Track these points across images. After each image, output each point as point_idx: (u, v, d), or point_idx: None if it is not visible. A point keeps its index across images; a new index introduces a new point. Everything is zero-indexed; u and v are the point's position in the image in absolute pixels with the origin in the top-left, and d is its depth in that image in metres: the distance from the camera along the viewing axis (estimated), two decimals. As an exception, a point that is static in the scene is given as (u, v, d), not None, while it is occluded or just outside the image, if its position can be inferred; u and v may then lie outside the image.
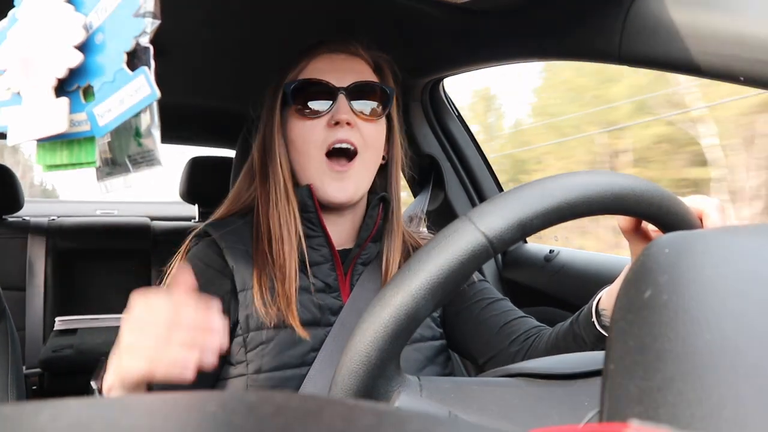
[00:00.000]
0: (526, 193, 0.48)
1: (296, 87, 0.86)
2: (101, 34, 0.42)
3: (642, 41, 0.76)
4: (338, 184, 0.85)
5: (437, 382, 0.52)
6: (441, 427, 0.18)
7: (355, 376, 0.46)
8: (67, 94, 0.42)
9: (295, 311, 0.79)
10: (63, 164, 0.44)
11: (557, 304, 1.32)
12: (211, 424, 0.18)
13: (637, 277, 0.30)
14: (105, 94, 0.41)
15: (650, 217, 0.52)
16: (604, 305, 0.72)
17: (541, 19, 0.93)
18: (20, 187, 2.37)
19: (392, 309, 0.45)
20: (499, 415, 0.48)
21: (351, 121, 0.84)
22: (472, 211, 0.48)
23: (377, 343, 0.45)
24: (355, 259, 0.89)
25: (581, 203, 0.47)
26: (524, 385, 0.51)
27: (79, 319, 2.39)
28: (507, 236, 0.46)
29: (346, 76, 0.86)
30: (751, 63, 0.64)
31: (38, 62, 0.42)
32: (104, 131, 0.42)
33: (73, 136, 0.43)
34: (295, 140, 0.86)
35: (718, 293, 0.26)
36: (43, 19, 0.42)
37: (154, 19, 0.41)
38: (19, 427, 0.18)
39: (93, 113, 0.42)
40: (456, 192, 1.55)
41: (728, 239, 0.31)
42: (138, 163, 0.47)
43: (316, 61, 0.88)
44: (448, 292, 0.46)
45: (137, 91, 0.41)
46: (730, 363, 0.22)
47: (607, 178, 0.49)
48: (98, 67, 0.42)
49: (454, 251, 0.45)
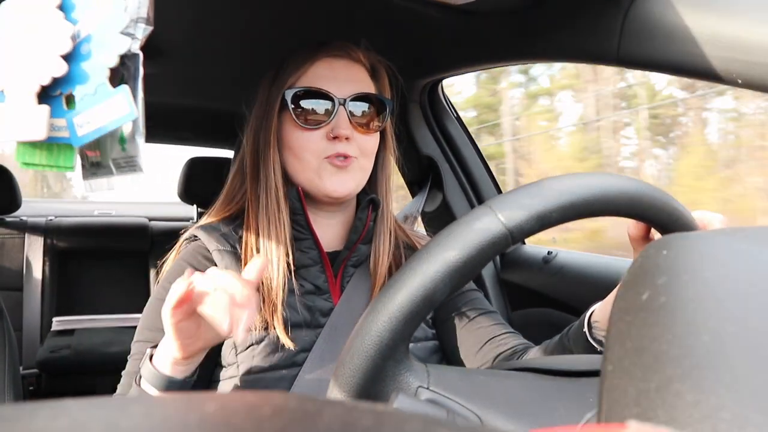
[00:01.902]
0: (546, 187, 0.49)
1: (296, 95, 0.85)
2: (87, 45, 0.42)
3: (640, 43, 0.76)
4: (339, 177, 0.84)
5: (444, 370, 0.52)
6: (441, 429, 0.18)
7: (365, 357, 0.46)
8: (50, 98, 0.43)
9: (281, 320, 0.78)
10: (41, 164, 0.44)
11: (556, 305, 1.32)
12: (209, 425, 0.18)
13: (635, 278, 0.30)
14: (85, 105, 0.42)
15: (659, 225, 0.53)
16: (597, 317, 0.72)
17: (539, 21, 0.93)
18: (18, 187, 2.37)
19: (409, 291, 0.45)
20: (505, 406, 0.48)
21: (350, 136, 0.84)
22: (492, 200, 0.49)
23: (391, 323, 0.45)
24: (345, 261, 0.89)
25: (598, 202, 0.49)
26: (531, 378, 0.52)
27: (76, 320, 2.39)
28: (526, 227, 0.47)
29: (346, 85, 0.85)
30: (749, 65, 0.64)
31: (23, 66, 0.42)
32: (82, 141, 0.43)
33: (52, 141, 0.43)
34: (292, 147, 0.86)
35: (716, 295, 0.26)
36: (32, 21, 0.42)
37: (147, 25, 0.42)
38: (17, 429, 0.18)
39: (73, 122, 0.42)
40: (454, 193, 1.55)
41: (726, 241, 0.31)
42: (121, 167, 0.48)
43: (316, 66, 0.86)
44: (465, 277, 0.46)
45: (116, 108, 0.42)
46: (729, 364, 0.23)
47: (624, 182, 0.51)
48: (81, 76, 0.42)
49: (474, 237, 0.46)
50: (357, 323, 0.49)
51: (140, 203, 3.39)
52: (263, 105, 0.89)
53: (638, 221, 0.60)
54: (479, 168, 1.56)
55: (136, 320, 0.84)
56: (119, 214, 3.06)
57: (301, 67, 0.87)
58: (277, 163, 0.86)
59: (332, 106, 0.84)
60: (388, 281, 0.48)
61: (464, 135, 1.56)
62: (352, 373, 0.47)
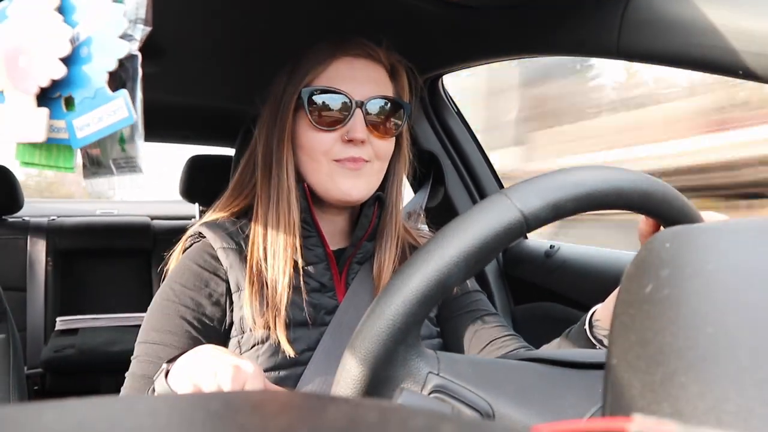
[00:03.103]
0: (562, 177, 0.49)
1: (313, 94, 0.82)
2: (87, 48, 0.42)
3: (641, 35, 0.75)
4: (352, 181, 0.83)
5: (454, 357, 0.52)
6: (445, 424, 0.18)
7: (377, 341, 0.46)
8: (49, 100, 0.43)
9: (283, 323, 0.78)
10: (41, 164, 0.44)
11: (558, 299, 1.32)
12: (215, 423, 0.18)
13: (638, 271, 0.30)
14: (85, 108, 0.42)
15: (669, 221, 0.54)
16: (599, 316, 0.72)
17: (538, 15, 0.93)
18: (20, 188, 2.37)
19: (423, 274, 0.45)
20: (514, 392, 0.48)
21: (365, 139, 0.82)
22: (507, 188, 0.49)
23: (405, 307, 0.45)
24: (350, 258, 0.88)
25: (612, 194, 0.49)
26: (540, 368, 0.52)
27: (80, 319, 2.40)
28: (542, 215, 0.47)
29: (364, 87, 0.83)
30: (750, 56, 0.64)
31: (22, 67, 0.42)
32: (81, 143, 0.43)
33: (51, 142, 0.43)
34: (305, 146, 0.84)
35: (720, 287, 0.26)
36: (31, 24, 0.42)
37: (145, 26, 0.42)
38: (23, 428, 0.18)
39: (72, 124, 0.43)
40: (456, 188, 1.55)
41: (729, 233, 0.31)
42: (121, 167, 0.48)
43: (336, 64, 0.84)
44: (479, 263, 0.46)
45: (115, 112, 0.42)
46: (733, 356, 0.22)
47: (638, 177, 0.51)
48: (81, 79, 0.42)
49: (489, 223, 0.46)
50: (368, 308, 0.48)
51: (142, 202, 3.39)
52: (278, 101, 0.86)
53: (649, 217, 0.60)
54: (481, 163, 1.56)
55: (140, 319, 0.84)
56: (121, 213, 3.06)
57: (319, 65, 0.84)
58: (290, 162, 0.84)
59: (349, 107, 0.82)
60: (403, 265, 0.47)
61: (465, 130, 1.55)
62: (362, 357, 0.46)
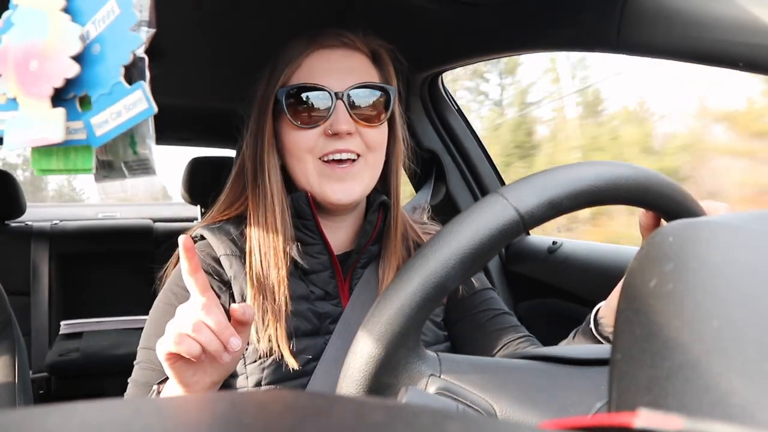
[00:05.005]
0: (558, 174, 0.49)
1: (290, 93, 0.79)
2: (98, 45, 0.42)
3: (640, 29, 0.75)
4: (341, 185, 0.79)
5: (455, 359, 0.52)
6: (452, 422, 0.18)
7: (377, 344, 0.46)
8: (63, 101, 0.42)
9: (284, 336, 0.76)
10: (58, 169, 0.44)
11: (561, 295, 1.32)
12: (221, 424, 0.18)
13: (642, 266, 0.30)
14: (102, 105, 0.42)
15: (669, 214, 0.53)
16: (603, 313, 0.72)
17: (538, 10, 0.93)
18: (22, 193, 2.37)
19: (421, 277, 0.45)
20: (517, 393, 0.48)
21: (351, 131, 0.78)
22: (503, 187, 0.49)
23: (404, 310, 0.45)
24: (354, 263, 0.86)
25: (609, 190, 0.49)
26: (541, 366, 0.52)
27: (84, 323, 2.40)
28: (538, 213, 0.47)
29: (344, 77, 0.79)
30: (750, 48, 0.64)
31: (34, 71, 0.42)
32: (101, 141, 0.42)
33: (69, 144, 0.43)
34: (290, 148, 0.81)
35: (724, 280, 0.26)
36: (39, 26, 0.42)
37: (149, 28, 0.42)
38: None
39: (90, 123, 0.42)
40: (458, 186, 1.55)
41: (732, 226, 0.31)
42: (133, 169, 0.48)
43: (310, 59, 0.81)
44: (477, 264, 0.46)
45: (134, 105, 0.41)
46: (738, 349, 0.22)
47: (635, 171, 0.50)
48: (95, 78, 0.42)
49: (486, 223, 0.46)
50: (368, 313, 0.48)
51: (143, 205, 3.40)
52: (259, 107, 0.84)
53: (648, 210, 0.60)
54: (482, 160, 1.56)
55: (143, 321, 0.83)
56: (123, 216, 3.07)
57: (293, 62, 0.81)
58: (274, 168, 0.82)
59: (329, 100, 0.78)
60: (401, 268, 0.47)
61: (466, 127, 1.55)
62: (363, 361, 0.46)
